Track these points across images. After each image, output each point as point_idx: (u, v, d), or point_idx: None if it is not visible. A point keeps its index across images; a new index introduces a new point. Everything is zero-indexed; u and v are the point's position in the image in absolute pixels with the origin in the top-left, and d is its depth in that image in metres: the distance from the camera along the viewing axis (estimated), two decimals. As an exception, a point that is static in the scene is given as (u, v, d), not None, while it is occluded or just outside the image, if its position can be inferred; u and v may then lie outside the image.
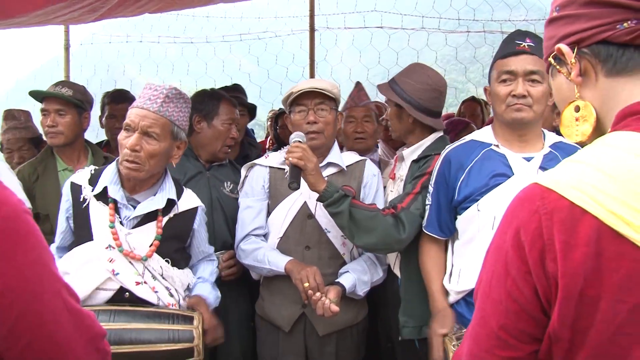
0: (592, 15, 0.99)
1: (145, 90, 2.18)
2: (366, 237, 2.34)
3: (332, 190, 2.32)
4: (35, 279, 0.99)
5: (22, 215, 0.99)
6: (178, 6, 4.50)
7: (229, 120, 2.94)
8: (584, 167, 0.92)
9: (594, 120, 1.01)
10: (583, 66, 1.02)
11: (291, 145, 2.38)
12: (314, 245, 2.55)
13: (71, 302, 1.06)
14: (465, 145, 2.33)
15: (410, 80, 2.60)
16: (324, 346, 2.58)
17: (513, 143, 2.23)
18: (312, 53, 5.89)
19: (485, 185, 2.18)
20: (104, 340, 1.14)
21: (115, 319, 2.00)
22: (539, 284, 0.92)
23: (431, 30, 8.44)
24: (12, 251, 0.95)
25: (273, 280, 2.58)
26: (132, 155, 2.09)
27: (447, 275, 2.35)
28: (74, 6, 3.27)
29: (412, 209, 2.40)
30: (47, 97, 3.06)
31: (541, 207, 0.91)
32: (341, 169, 2.62)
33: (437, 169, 2.37)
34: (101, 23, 4.39)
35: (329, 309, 2.28)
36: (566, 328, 0.90)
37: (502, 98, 2.19)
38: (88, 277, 2.10)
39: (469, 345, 1.04)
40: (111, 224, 2.13)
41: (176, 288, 2.24)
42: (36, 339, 0.99)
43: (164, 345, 2.00)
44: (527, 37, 2.20)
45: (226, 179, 2.98)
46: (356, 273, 2.50)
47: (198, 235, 2.39)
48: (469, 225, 2.24)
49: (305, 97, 2.57)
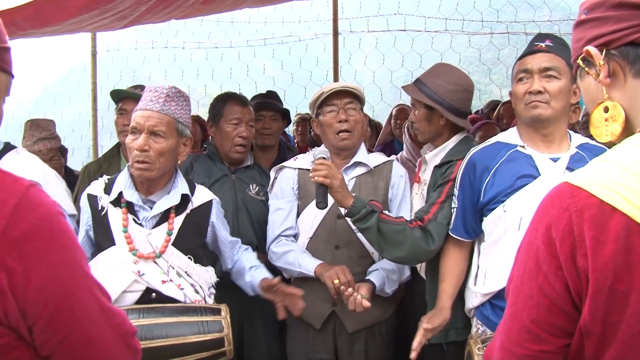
0: (621, 18, 1.01)
1: (146, 93, 2.24)
2: (395, 251, 2.33)
3: (360, 206, 2.31)
4: (68, 276, 1.04)
5: (56, 216, 1.04)
6: (204, 12, 4.57)
7: (234, 119, 2.97)
8: (612, 166, 0.94)
9: (623, 120, 1.03)
10: (612, 68, 1.04)
11: (316, 163, 2.36)
12: (344, 245, 2.58)
13: (103, 300, 1.11)
14: (490, 147, 2.32)
15: (439, 80, 2.58)
16: (353, 344, 2.60)
17: (538, 143, 2.22)
18: (336, 56, 5.91)
19: (512, 186, 2.17)
20: (134, 338, 1.19)
21: (145, 315, 2.05)
22: (569, 279, 0.94)
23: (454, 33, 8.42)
24: (47, 250, 1.01)
25: (304, 279, 2.60)
26: (142, 156, 2.14)
27: (472, 277, 2.34)
28: (104, 14, 3.34)
29: (439, 219, 2.39)
30: (126, 98, 3.21)
31: (571, 205, 0.94)
32: (369, 168, 2.64)
33: (462, 171, 2.35)
34: (127, 29, 4.46)
35: (361, 304, 2.30)
36: (597, 322, 0.92)
37: (520, 97, 2.19)
38: (115, 281, 2.15)
39: (501, 339, 1.07)
40: (124, 229, 2.17)
41: (200, 285, 2.28)
42: (70, 334, 1.04)
43: (195, 337, 2.04)
44: (547, 38, 2.22)
45: (252, 182, 3.01)
46: (385, 271, 2.53)
47: (218, 227, 2.42)
48: (495, 227, 2.22)
49: (335, 97, 2.59)
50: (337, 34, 5.94)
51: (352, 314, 2.38)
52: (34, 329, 1.02)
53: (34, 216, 1.00)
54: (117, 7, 3.18)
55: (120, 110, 3.20)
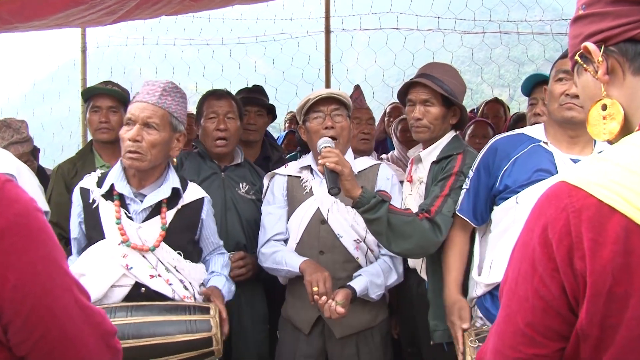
0: (620, 14, 0.98)
1: (143, 87, 2.26)
2: (403, 243, 2.30)
3: (369, 196, 2.27)
4: (47, 274, 1.01)
5: (34, 212, 1.02)
6: (195, 8, 4.52)
7: (210, 114, 2.96)
8: (611, 165, 0.92)
9: (622, 118, 1.00)
10: (610, 64, 1.01)
11: (324, 151, 2.34)
12: (328, 250, 2.57)
13: (82, 298, 1.08)
14: (514, 137, 2.32)
15: (453, 80, 2.60)
16: (344, 349, 2.58)
17: (562, 143, 2.21)
18: (328, 55, 5.89)
19: (528, 178, 2.16)
20: (114, 338, 1.16)
21: (133, 313, 2.03)
22: (566, 281, 0.92)
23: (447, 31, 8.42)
24: (24, 247, 0.98)
25: (295, 284, 2.62)
26: (133, 146, 2.15)
27: (475, 268, 2.32)
28: (92, 9, 3.30)
29: (444, 211, 2.38)
30: (99, 95, 3.18)
31: (569, 205, 0.91)
32: (354, 174, 2.61)
33: (482, 155, 2.35)
34: (117, 26, 4.42)
35: (335, 311, 2.29)
36: (595, 326, 0.90)
37: (556, 96, 2.19)
38: (103, 275, 2.14)
39: (494, 342, 1.04)
40: (117, 220, 2.17)
41: (190, 281, 2.27)
42: (48, 333, 1.02)
43: (183, 336, 2.02)
44: None
45: (242, 180, 2.98)
46: (369, 276, 2.50)
47: (207, 225, 2.42)
48: (504, 217, 2.21)
49: (321, 103, 2.59)
50: (329, 31, 5.91)
51: (338, 319, 2.37)
52: (9, 328, 0.99)
53: (10, 212, 0.97)
54: (105, 2, 3.14)
55: (94, 108, 3.17)
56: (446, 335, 2.41)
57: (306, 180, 2.67)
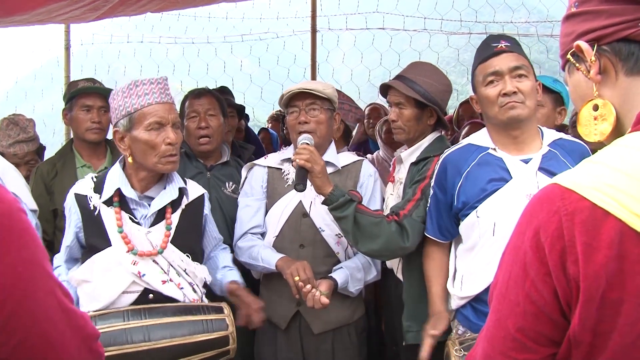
0: (614, 12, 0.96)
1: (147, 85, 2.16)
2: (370, 244, 2.32)
3: (338, 194, 2.30)
4: (29, 276, 0.97)
5: (17, 213, 0.97)
6: (180, 5, 4.48)
7: (191, 113, 2.95)
8: (604, 168, 0.90)
9: (614, 119, 0.98)
10: (603, 64, 0.99)
11: (299, 147, 2.37)
12: (309, 244, 2.57)
13: (65, 301, 1.05)
14: (462, 150, 2.28)
15: (430, 80, 2.56)
16: (319, 344, 2.59)
17: (509, 146, 2.18)
18: (314, 54, 5.88)
19: (483, 190, 2.14)
20: (97, 342, 1.13)
21: (148, 316, 2.02)
22: (559, 286, 0.90)
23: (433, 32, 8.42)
24: (6, 248, 0.94)
25: (271, 279, 2.61)
26: (174, 149, 2.14)
27: (450, 279, 2.32)
28: (75, 4, 3.25)
29: (414, 216, 2.38)
30: (91, 93, 3.11)
31: (562, 208, 0.89)
32: (337, 168, 2.64)
33: (435, 174, 2.33)
34: (102, 23, 4.37)
35: (319, 301, 2.30)
36: (587, 331, 0.88)
37: (492, 100, 2.14)
38: (113, 282, 2.10)
39: (484, 347, 1.02)
40: (119, 229, 2.13)
41: (197, 283, 2.25)
42: (29, 336, 0.98)
43: (201, 336, 2.03)
44: (501, 39, 2.20)
45: (228, 179, 2.96)
46: (349, 270, 2.52)
47: (209, 220, 2.43)
48: (470, 232, 2.20)
49: (296, 98, 2.59)
50: (315, 31, 5.90)
51: (317, 314, 2.39)
52: None
53: None
54: (88, -3, 3.09)
55: (85, 107, 3.10)
56: (419, 336, 2.41)
57: (288, 173, 2.65)
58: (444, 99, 2.58)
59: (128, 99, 2.14)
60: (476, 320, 2.17)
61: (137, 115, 2.12)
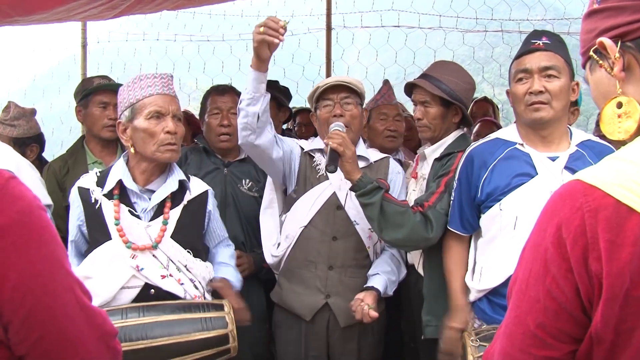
0: (638, 8, 0.95)
1: (149, 79, 2.19)
2: (394, 232, 2.33)
3: (367, 180, 2.33)
4: (48, 273, 0.99)
5: (37, 210, 0.99)
6: (195, 3, 4.51)
7: (214, 110, 2.96)
8: (628, 164, 0.89)
9: (639, 116, 0.98)
10: (627, 61, 0.98)
11: (332, 132, 2.39)
12: (342, 237, 2.57)
13: (83, 299, 1.07)
14: (489, 143, 2.31)
15: (455, 78, 2.59)
16: (346, 342, 2.58)
17: (537, 143, 2.21)
18: (329, 52, 5.86)
19: (508, 184, 2.16)
20: (115, 339, 1.14)
21: (146, 314, 2.01)
22: (580, 282, 0.89)
23: (448, 30, 8.36)
24: (26, 245, 0.96)
25: (293, 269, 2.60)
26: (173, 138, 2.16)
27: (469, 273, 2.34)
28: (93, 3, 3.27)
29: (437, 208, 2.40)
30: (107, 90, 3.11)
31: (585, 204, 0.88)
32: (369, 163, 2.64)
33: (460, 166, 2.36)
34: (118, 21, 4.39)
35: (368, 315, 2.34)
36: (610, 329, 0.87)
37: (520, 97, 2.18)
38: (113, 276, 2.10)
39: (503, 344, 1.01)
40: (116, 221, 2.13)
41: (199, 280, 2.24)
42: (48, 333, 1.00)
43: (199, 334, 2.01)
44: (543, 35, 2.21)
45: (245, 177, 2.96)
46: (386, 274, 2.53)
47: (213, 218, 2.42)
48: (491, 225, 2.22)
49: (330, 91, 2.58)
50: (330, 29, 5.89)
51: (345, 307, 2.41)
52: (9, 327, 0.96)
53: (13, 209, 0.95)
54: (106, -4, 3.11)
55: (102, 103, 3.10)
56: (438, 330, 2.43)
57: (319, 164, 2.63)
58: (468, 97, 2.61)
59: (132, 92, 2.17)
60: (492, 313, 2.19)
61: (138, 106, 2.16)
